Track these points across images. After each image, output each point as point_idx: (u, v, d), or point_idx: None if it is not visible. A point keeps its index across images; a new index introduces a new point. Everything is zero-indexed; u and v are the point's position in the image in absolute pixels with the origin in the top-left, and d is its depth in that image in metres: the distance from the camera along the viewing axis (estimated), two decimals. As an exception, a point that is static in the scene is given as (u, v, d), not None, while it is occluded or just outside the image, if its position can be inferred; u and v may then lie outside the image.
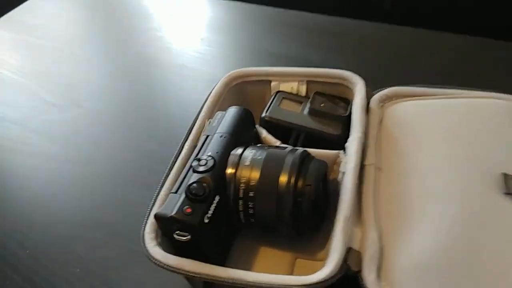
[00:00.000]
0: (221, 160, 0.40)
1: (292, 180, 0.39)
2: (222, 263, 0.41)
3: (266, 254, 0.43)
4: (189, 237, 0.36)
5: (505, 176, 0.40)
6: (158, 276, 0.44)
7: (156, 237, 0.39)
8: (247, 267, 0.42)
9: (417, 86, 0.50)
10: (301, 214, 0.39)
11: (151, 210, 0.40)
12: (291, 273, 0.42)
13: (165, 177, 0.43)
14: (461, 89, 0.49)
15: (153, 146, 0.60)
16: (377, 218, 0.39)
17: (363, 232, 0.38)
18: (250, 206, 0.40)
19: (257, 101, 0.55)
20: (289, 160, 0.40)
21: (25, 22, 0.89)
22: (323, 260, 0.42)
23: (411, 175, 0.42)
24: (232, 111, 0.45)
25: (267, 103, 0.51)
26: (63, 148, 0.62)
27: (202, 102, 0.51)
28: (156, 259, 0.37)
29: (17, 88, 0.73)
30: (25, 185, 0.58)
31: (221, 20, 0.86)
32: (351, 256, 0.36)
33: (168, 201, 0.38)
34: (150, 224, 0.39)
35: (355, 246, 0.37)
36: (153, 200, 0.41)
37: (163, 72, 0.74)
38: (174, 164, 0.44)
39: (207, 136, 0.44)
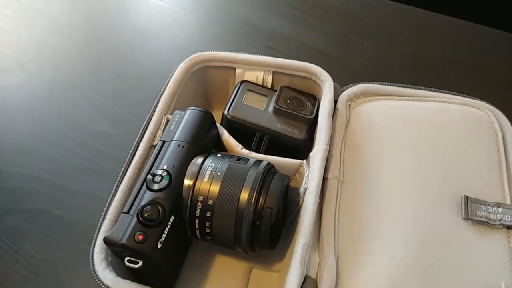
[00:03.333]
0: (178, 175, 0.38)
1: (253, 200, 0.37)
2: (174, 280, 0.41)
3: (222, 262, 0.43)
4: (140, 264, 0.35)
5: (466, 199, 0.39)
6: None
7: (107, 257, 0.37)
8: (201, 280, 0.41)
9: (386, 84, 0.48)
10: (258, 236, 0.38)
11: (99, 228, 0.38)
12: (247, 284, 0.42)
13: (115, 189, 0.40)
14: (433, 91, 0.47)
15: (107, 125, 0.56)
16: (335, 243, 0.38)
17: (321, 258, 0.37)
18: (207, 225, 0.38)
19: (220, 88, 0.52)
20: (250, 177, 0.38)
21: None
22: (280, 271, 0.42)
23: (373, 191, 0.41)
24: (191, 114, 0.42)
25: (230, 97, 0.48)
26: (6, 121, 0.57)
27: (162, 87, 0.47)
28: (105, 285, 0.35)
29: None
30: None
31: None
32: (307, 285, 0.36)
33: (118, 222, 0.36)
34: (99, 244, 0.37)
35: (312, 273, 0.37)
36: (102, 216, 0.38)
37: (120, 35, 0.67)
38: (126, 172, 0.41)
39: (164, 142, 0.41)
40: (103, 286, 0.35)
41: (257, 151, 0.44)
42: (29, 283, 0.44)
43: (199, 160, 0.39)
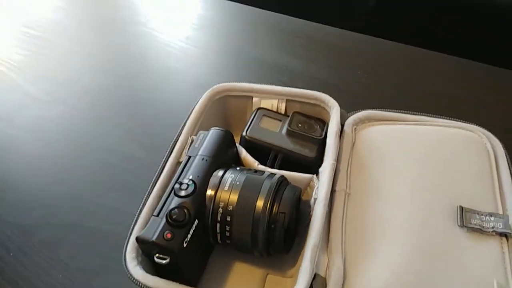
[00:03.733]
0: (202, 184, 0.43)
1: (268, 206, 0.41)
2: (197, 280, 0.45)
3: (239, 270, 0.46)
4: (168, 260, 0.39)
5: (461, 209, 0.43)
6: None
7: (137, 256, 0.41)
8: (221, 283, 0.45)
9: (388, 111, 0.53)
10: (273, 239, 0.42)
11: (132, 230, 0.42)
12: (262, 288, 0.46)
13: (146, 197, 0.45)
14: (431, 116, 0.52)
15: (135, 149, 0.62)
16: (343, 246, 0.42)
17: (330, 259, 0.41)
18: (227, 229, 0.42)
19: (239, 114, 0.57)
20: (266, 186, 0.43)
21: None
22: (293, 276, 0.46)
23: (377, 202, 0.45)
24: (214, 133, 0.48)
25: (248, 121, 0.53)
26: (47, 146, 0.63)
27: (186, 115, 0.53)
28: (136, 279, 0.39)
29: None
30: (8, 185, 0.59)
31: (208, 19, 0.86)
32: (317, 282, 0.39)
33: (149, 224, 0.41)
34: (131, 244, 0.41)
35: (321, 272, 0.40)
36: (134, 220, 0.43)
37: (148, 72, 0.75)
38: (156, 183, 0.46)
39: (189, 157, 0.46)
40: (134, 281, 0.40)
41: (272, 167, 0.49)
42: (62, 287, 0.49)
43: (220, 172, 0.44)
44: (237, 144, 0.50)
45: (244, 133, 0.52)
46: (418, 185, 0.46)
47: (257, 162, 0.49)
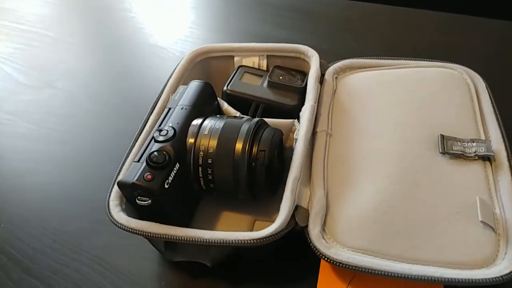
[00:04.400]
0: (182, 130, 0.43)
1: (247, 146, 0.41)
2: (185, 226, 0.45)
3: (227, 217, 0.46)
4: (150, 201, 0.39)
5: (442, 137, 0.43)
6: (127, 243, 0.47)
7: (121, 204, 0.41)
8: (210, 229, 0.45)
9: (368, 58, 0.53)
10: (255, 178, 0.42)
11: (116, 178, 0.43)
12: (250, 234, 0.45)
13: (130, 149, 0.45)
14: (411, 59, 0.52)
15: (123, 123, 0.62)
16: (324, 179, 0.42)
17: (312, 192, 0.41)
18: (209, 172, 0.42)
19: (221, 76, 0.57)
20: (244, 128, 0.43)
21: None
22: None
23: (358, 138, 0.45)
24: (193, 85, 0.48)
25: (229, 77, 0.54)
26: (36, 127, 0.64)
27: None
28: (119, 223, 0.39)
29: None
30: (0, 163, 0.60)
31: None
32: (299, 213, 0.39)
33: (130, 169, 0.41)
34: (114, 192, 0.42)
35: (303, 204, 0.40)
36: (118, 170, 0.43)
37: (134, 52, 0.76)
38: (139, 136, 0.46)
39: (169, 109, 0.46)
40: (117, 225, 0.40)
41: (253, 117, 0.49)
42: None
43: (199, 120, 0.44)
44: (219, 99, 0.51)
45: (225, 88, 0.52)
46: (399, 120, 0.46)
47: (238, 113, 0.49)
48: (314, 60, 0.52)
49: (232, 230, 0.45)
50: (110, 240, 0.48)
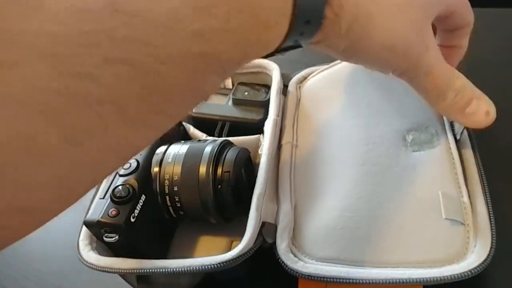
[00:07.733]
0: (146, 160, 0.43)
1: (211, 169, 0.41)
2: (161, 257, 0.44)
3: (205, 241, 0.46)
4: (117, 237, 0.39)
5: (406, 131, 0.42)
6: (108, 280, 0.46)
7: (91, 243, 0.41)
8: (187, 256, 0.45)
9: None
10: (223, 200, 0.41)
11: (85, 218, 0.42)
12: (229, 256, 0.45)
13: (97, 186, 0.45)
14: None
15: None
16: (291, 192, 0.42)
17: (278, 207, 0.41)
18: (176, 200, 0.42)
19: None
20: (207, 150, 0.42)
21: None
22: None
23: (325, 147, 0.44)
24: (154, 114, 0.48)
25: (194, 100, 0.53)
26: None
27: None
28: (89, 263, 0.39)
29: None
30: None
31: None
32: (266, 229, 0.38)
33: (95, 206, 0.41)
34: (83, 232, 0.42)
35: (271, 220, 0.40)
36: (87, 209, 0.43)
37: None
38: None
39: (132, 142, 0.46)
40: (88, 265, 0.39)
41: (219, 137, 0.49)
42: None
43: (163, 148, 0.44)
44: (184, 123, 0.51)
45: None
46: (361, 119, 0.44)
47: (205, 135, 0.49)
48: (275, 72, 0.52)
49: (211, 254, 0.45)
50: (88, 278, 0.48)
